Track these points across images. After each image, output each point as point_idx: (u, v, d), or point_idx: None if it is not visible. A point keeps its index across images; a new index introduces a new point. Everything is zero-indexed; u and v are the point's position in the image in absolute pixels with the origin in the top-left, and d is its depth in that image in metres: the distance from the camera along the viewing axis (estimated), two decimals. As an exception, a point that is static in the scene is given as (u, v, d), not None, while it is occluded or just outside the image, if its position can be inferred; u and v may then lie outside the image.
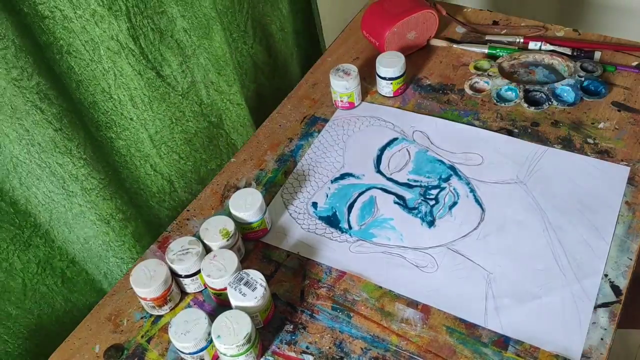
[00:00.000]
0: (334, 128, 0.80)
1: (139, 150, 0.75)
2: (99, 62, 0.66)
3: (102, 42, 0.65)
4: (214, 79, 0.81)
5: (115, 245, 0.73)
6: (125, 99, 0.70)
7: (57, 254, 0.71)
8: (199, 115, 0.82)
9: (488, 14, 0.94)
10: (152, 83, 0.72)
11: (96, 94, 0.68)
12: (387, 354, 0.57)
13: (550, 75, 0.82)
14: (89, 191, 0.68)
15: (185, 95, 0.78)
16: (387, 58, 0.80)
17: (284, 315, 0.62)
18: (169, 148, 0.79)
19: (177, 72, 0.75)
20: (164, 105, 0.75)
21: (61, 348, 0.62)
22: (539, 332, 0.57)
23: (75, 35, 0.62)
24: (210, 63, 0.80)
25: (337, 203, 0.71)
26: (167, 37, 0.72)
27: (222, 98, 0.85)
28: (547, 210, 0.66)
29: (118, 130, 0.72)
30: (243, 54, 0.88)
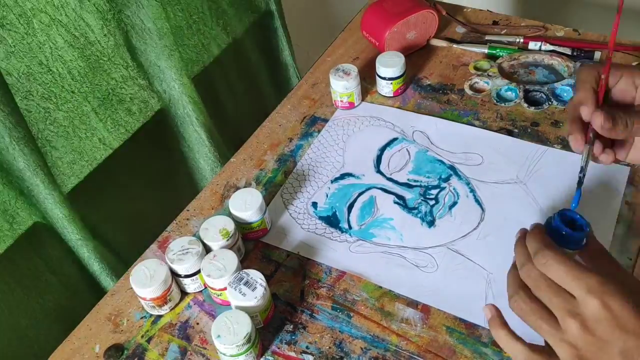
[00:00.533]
0: (334, 128, 0.80)
1: (83, 123, 0.78)
2: (33, 35, 0.68)
3: (34, 15, 0.67)
4: (137, 45, 0.82)
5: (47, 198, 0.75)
6: (64, 72, 0.73)
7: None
8: (127, 78, 0.82)
9: (488, 14, 0.94)
10: (83, 52, 0.74)
11: (32, 66, 0.70)
12: (387, 353, 0.57)
13: (550, 75, 0.82)
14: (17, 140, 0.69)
15: (111, 59, 0.79)
16: (387, 58, 0.80)
17: (284, 315, 0.62)
18: (114, 121, 0.81)
19: (100, 36, 0.76)
20: (98, 75, 0.77)
21: (61, 348, 0.62)
22: (539, 332, 0.57)
23: (8, 9, 0.65)
24: (134, 30, 0.81)
25: (337, 203, 0.71)
26: (86, 2, 0.73)
27: (150, 64, 0.85)
28: (547, 210, 0.66)
29: (58, 102, 0.74)
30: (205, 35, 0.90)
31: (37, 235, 0.78)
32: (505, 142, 0.74)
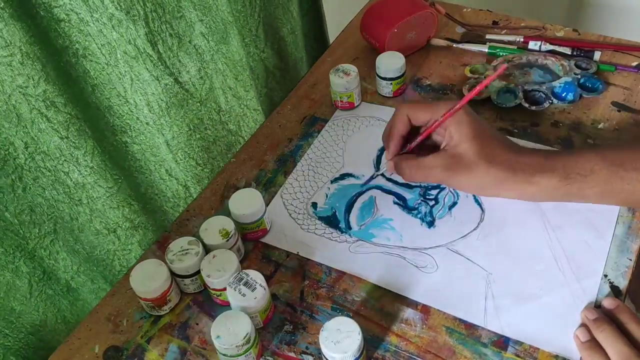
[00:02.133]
0: (334, 128, 0.80)
1: (154, 155, 0.75)
2: (115, 66, 0.65)
3: (119, 46, 0.64)
4: (231, 85, 0.81)
5: (120, 254, 0.73)
6: (142, 104, 0.70)
7: (61, 267, 0.70)
8: (217, 123, 0.81)
9: (488, 14, 0.94)
10: (169, 89, 0.71)
11: (112, 98, 0.67)
12: (387, 354, 0.57)
13: (546, 75, 0.82)
14: (95, 200, 0.67)
15: (203, 102, 0.77)
16: (387, 58, 0.80)
17: (283, 315, 0.62)
18: (186, 154, 0.78)
19: (195, 79, 0.74)
20: (181, 112, 0.75)
21: (61, 348, 0.62)
22: (539, 333, 0.57)
23: (91, 38, 0.62)
24: (228, 68, 0.79)
25: (337, 203, 0.71)
26: (186, 43, 0.71)
27: (240, 104, 0.84)
28: (547, 210, 0.66)
29: (133, 134, 0.71)
30: (255, 58, 0.87)
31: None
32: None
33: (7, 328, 0.66)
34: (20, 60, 0.55)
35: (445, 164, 0.62)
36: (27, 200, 0.64)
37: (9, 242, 0.63)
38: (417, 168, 0.64)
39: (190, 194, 0.83)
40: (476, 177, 0.61)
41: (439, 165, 0.62)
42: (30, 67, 0.56)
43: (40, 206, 0.65)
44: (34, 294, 0.68)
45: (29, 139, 0.59)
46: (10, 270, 0.65)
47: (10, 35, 0.54)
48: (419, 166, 0.64)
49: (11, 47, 0.54)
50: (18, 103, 0.57)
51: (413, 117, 0.64)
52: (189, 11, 0.70)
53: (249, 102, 0.85)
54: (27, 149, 0.60)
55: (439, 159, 0.63)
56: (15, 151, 0.60)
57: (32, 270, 0.67)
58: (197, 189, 0.83)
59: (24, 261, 0.65)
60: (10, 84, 0.55)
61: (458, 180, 0.63)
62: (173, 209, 0.82)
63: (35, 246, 0.66)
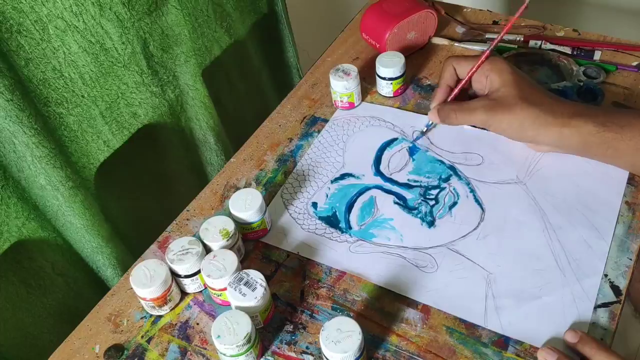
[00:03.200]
0: (334, 128, 0.80)
1: (91, 126, 0.78)
2: (48, 41, 0.68)
3: (50, 21, 0.67)
4: (155, 52, 0.82)
5: (65, 210, 0.75)
6: (76, 77, 0.73)
7: (13, 211, 0.73)
8: (140, 85, 0.82)
9: (488, 14, 0.94)
10: (97, 58, 0.74)
11: (47, 72, 0.70)
12: (387, 354, 0.57)
13: (553, 76, 0.81)
14: (39, 159, 0.70)
15: (127, 66, 0.79)
16: (387, 58, 0.80)
17: (284, 315, 0.62)
18: (119, 124, 0.81)
19: (117, 44, 0.76)
20: (109, 80, 0.77)
21: (61, 348, 0.62)
22: (539, 332, 0.57)
23: (24, 14, 0.65)
24: (151, 37, 0.81)
25: (337, 203, 0.71)
26: (107, 10, 0.73)
27: (166, 72, 0.85)
28: (547, 210, 0.66)
29: (69, 106, 0.74)
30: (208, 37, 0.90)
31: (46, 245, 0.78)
32: (505, 142, 0.74)
33: None
34: None
35: (487, 105, 0.67)
36: None
37: None
38: (460, 110, 0.69)
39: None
40: (516, 117, 0.65)
41: (480, 106, 0.68)
42: None
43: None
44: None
45: None
46: None
47: None
48: (461, 108, 0.69)
49: None
50: None
51: (458, 67, 0.71)
52: None
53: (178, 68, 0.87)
54: None
55: (481, 101, 0.68)
56: None
57: None
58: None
59: None
60: None
61: (499, 120, 0.67)
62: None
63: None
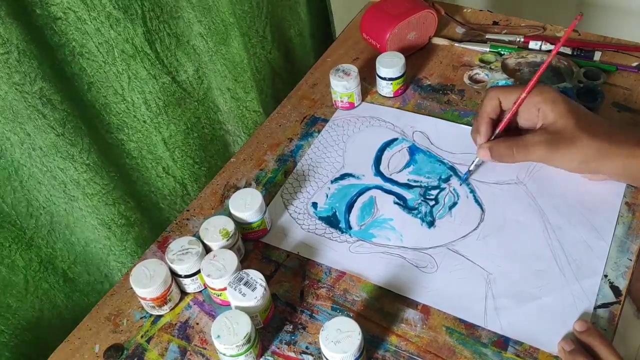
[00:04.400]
0: (334, 128, 0.80)
1: (150, 152, 0.75)
2: (112, 64, 0.65)
3: (117, 45, 0.64)
4: (230, 86, 0.81)
5: (116, 250, 0.73)
6: (139, 102, 0.70)
7: (58, 255, 0.71)
8: (215, 122, 0.81)
9: (488, 15, 0.94)
10: (167, 88, 0.72)
11: (108, 96, 0.67)
12: (387, 354, 0.57)
13: (554, 78, 0.81)
14: (91, 196, 0.68)
15: (201, 102, 0.78)
16: (387, 58, 0.80)
17: (283, 315, 0.62)
18: (183, 152, 0.79)
19: (193, 78, 0.75)
20: (179, 110, 0.75)
21: (61, 348, 0.62)
22: (539, 333, 0.57)
23: (88, 37, 0.62)
24: (227, 69, 0.79)
25: (337, 203, 0.71)
26: (184, 42, 0.72)
27: (239, 105, 0.84)
28: (547, 210, 0.66)
29: (130, 132, 0.72)
30: (261, 59, 0.88)
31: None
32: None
33: (3, 324, 0.66)
34: (17, 58, 0.55)
35: (547, 140, 0.62)
36: (23, 194, 0.64)
37: (5, 234, 0.64)
38: (518, 147, 0.64)
39: (187, 192, 0.83)
40: (579, 150, 0.61)
41: (540, 142, 0.62)
42: (27, 65, 0.57)
43: (37, 200, 0.65)
44: (29, 289, 0.68)
45: (24, 135, 0.60)
46: (6, 265, 0.65)
47: (7, 33, 0.54)
48: (518, 145, 0.63)
49: (8, 44, 0.54)
50: (15, 100, 0.57)
51: (504, 98, 0.65)
52: (187, 11, 0.71)
53: (249, 104, 0.85)
54: (23, 144, 0.61)
55: (540, 135, 0.63)
56: (12, 146, 0.60)
57: (29, 263, 0.67)
58: (194, 187, 0.83)
59: (20, 254, 0.66)
60: (7, 81, 0.56)
61: (561, 155, 0.63)
62: (170, 206, 0.82)
63: (32, 236, 0.67)
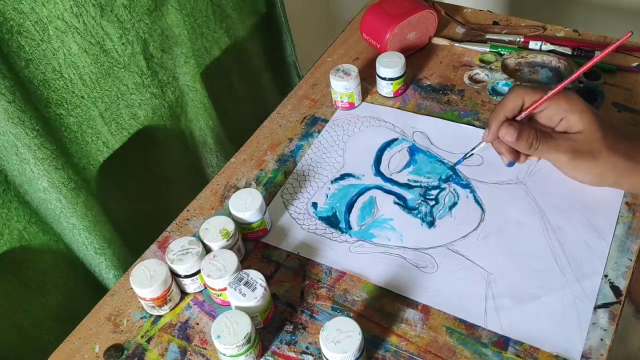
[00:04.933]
0: (334, 128, 0.80)
1: (90, 127, 0.78)
2: (48, 42, 0.68)
3: (50, 22, 0.67)
4: (154, 53, 0.83)
5: (67, 212, 0.75)
6: (76, 78, 0.73)
7: (14, 215, 0.73)
8: (140, 86, 0.83)
9: (488, 15, 0.94)
10: (97, 59, 0.74)
11: (47, 73, 0.70)
12: (387, 354, 0.57)
13: (553, 78, 0.81)
14: (42, 160, 0.70)
15: (126, 67, 0.79)
16: (387, 58, 0.80)
17: (284, 315, 0.62)
18: (119, 125, 0.81)
19: (118, 45, 0.76)
20: (109, 81, 0.77)
21: (61, 348, 0.62)
22: (539, 333, 0.57)
23: (25, 15, 0.65)
24: (151, 38, 0.81)
25: (337, 203, 0.71)
26: (107, 12, 0.73)
27: (166, 72, 0.86)
28: (547, 210, 0.66)
29: (69, 107, 0.74)
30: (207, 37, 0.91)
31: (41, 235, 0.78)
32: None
33: None
34: None
35: (574, 148, 0.62)
36: None
37: None
38: (545, 141, 0.62)
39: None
40: (598, 165, 0.62)
41: (567, 147, 0.62)
42: None
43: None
44: None
45: None
46: None
47: None
48: (546, 140, 0.62)
49: None
50: None
51: (529, 98, 0.64)
52: None
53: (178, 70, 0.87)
54: None
55: (568, 140, 0.62)
56: None
57: None
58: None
59: None
60: None
61: (579, 167, 0.63)
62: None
63: None
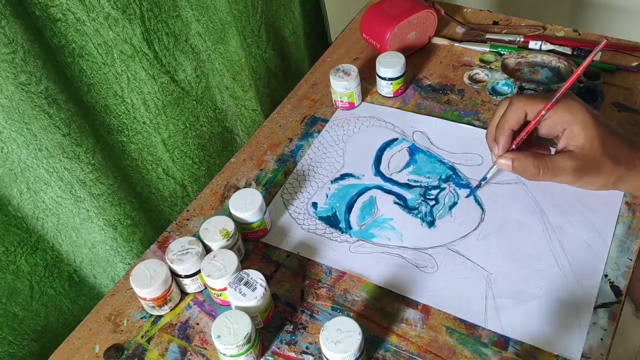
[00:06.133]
0: (334, 128, 0.80)
1: (151, 154, 0.75)
2: (112, 65, 0.65)
3: (116, 46, 0.64)
4: (228, 85, 0.81)
5: (122, 251, 0.73)
6: (139, 103, 0.70)
7: (64, 258, 0.70)
8: (213, 120, 0.81)
9: (488, 14, 0.94)
10: (165, 87, 0.72)
11: (108, 98, 0.67)
12: (387, 354, 0.57)
13: (553, 78, 0.81)
14: (97, 197, 0.67)
15: (199, 101, 0.78)
16: (387, 58, 0.80)
17: (284, 315, 0.62)
18: (182, 152, 0.79)
19: (191, 77, 0.75)
20: (177, 110, 0.75)
21: (61, 348, 0.62)
22: (539, 333, 0.57)
23: (88, 38, 0.62)
24: (225, 68, 0.79)
25: (337, 203, 0.71)
26: (182, 42, 0.72)
27: (237, 104, 0.84)
28: (547, 210, 0.66)
29: (130, 134, 0.72)
30: (257, 59, 0.88)
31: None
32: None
33: (10, 335, 0.66)
34: (22, 57, 0.55)
35: (576, 166, 0.61)
36: (29, 196, 0.64)
37: (10, 239, 0.63)
38: (545, 168, 0.61)
39: (187, 193, 0.83)
40: (603, 177, 0.61)
41: (569, 167, 0.61)
42: (33, 65, 0.56)
43: (43, 201, 0.65)
44: (35, 297, 0.67)
45: (30, 136, 0.60)
46: (11, 271, 0.64)
47: (13, 33, 0.54)
48: (546, 166, 0.61)
49: (13, 44, 0.54)
50: (21, 100, 0.57)
51: (531, 109, 0.62)
52: (185, 10, 0.71)
53: (247, 102, 0.85)
54: (29, 145, 0.60)
55: (570, 160, 0.61)
56: (19, 147, 0.60)
57: (34, 268, 0.66)
58: (194, 187, 0.83)
59: (25, 258, 0.65)
60: (14, 81, 0.55)
61: (586, 181, 0.62)
62: (170, 208, 0.82)
63: (38, 239, 0.66)
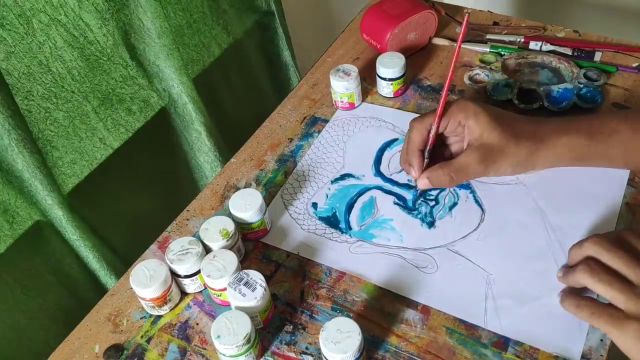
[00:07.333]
0: (334, 128, 0.80)
1: (83, 122, 0.78)
2: (33, 35, 0.68)
3: (34, 15, 0.67)
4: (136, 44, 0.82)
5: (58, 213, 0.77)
6: (64, 72, 0.73)
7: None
8: (127, 78, 0.83)
9: (488, 15, 0.94)
10: (83, 52, 0.74)
11: (32, 66, 0.70)
12: (387, 354, 0.57)
13: (553, 78, 0.81)
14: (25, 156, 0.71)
15: (111, 59, 0.79)
16: (387, 59, 0.80)
17: (283, 315, 0.62)
18: (114, 121, 0.81)
19: (99, 36, 0.76)
20: (98, 75, 0.77)
21: (61, 348, 0.62)
22: (539, 333, 0.57)
23: (7, 8, 0.65)
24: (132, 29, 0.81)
25: (337, 204, 0.71)
26: (84, 2, 0.73)
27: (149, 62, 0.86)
28: (547, 211, 0.66)
29: (59, 102, 0.74)
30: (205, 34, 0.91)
31: (38, 235, 0.78)
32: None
33: None
34: None
35: (480, 156, 0.63)
36: None
37: None
38: (455, 171, 0.63)
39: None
40: (511, 157, 0.63)
41: (474, 160, 0.63)
42: None
43: None
44: None
45: None
46: None
47: None
48: (454, 169, 0.63)
49: None
50: None
51: (429, 124, 0.65)
52: None
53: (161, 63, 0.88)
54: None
55: (472, 154, 0.63)
56: None
57: None
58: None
59: None
60: None
61: (497, 167, 0.64)
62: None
63: None
